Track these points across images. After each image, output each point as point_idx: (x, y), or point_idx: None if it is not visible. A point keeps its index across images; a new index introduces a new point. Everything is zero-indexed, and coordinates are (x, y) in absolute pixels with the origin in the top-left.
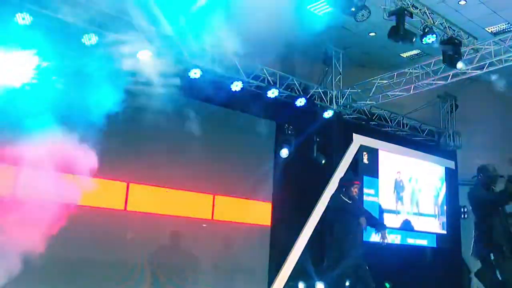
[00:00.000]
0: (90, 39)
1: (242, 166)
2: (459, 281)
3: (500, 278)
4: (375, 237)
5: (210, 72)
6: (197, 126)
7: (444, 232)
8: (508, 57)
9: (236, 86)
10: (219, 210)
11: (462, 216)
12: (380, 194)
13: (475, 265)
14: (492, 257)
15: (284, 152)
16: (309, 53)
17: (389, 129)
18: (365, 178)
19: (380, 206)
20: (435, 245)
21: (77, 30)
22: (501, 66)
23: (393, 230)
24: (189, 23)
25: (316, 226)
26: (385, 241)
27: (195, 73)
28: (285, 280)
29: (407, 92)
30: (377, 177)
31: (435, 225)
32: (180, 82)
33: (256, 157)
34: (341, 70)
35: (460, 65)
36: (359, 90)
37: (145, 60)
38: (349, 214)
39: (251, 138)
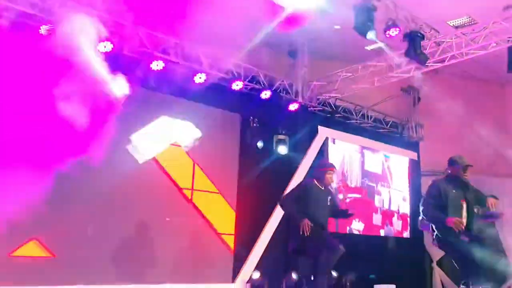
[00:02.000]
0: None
1: (206, 159)
2: (422, 270)
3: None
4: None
5: (173, 64)
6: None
7: (408, 220)
8: (469, 50)
9: (200, 79)
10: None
11: None
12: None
13: (437, 254)
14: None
15: (260, 143)
16: (275, 45)
17: (354, 121)
18: None
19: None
20: (398, 235)
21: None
22: (462, 59)
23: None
24: (151, 13)
25: (281, 218)
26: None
27: (157, 65)
28: (251, 272)
29: (371, 85)
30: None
31: (400, 215)
32: (142, 74)
33: (220, 151)
34: (306, 63)
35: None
36: (325, 83)
37: (106, 51)
38: (321, 202)
39: (215, 131)
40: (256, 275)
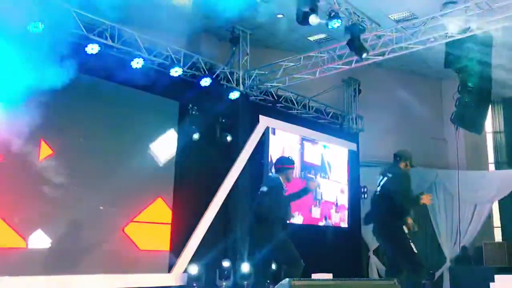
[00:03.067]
0: None
1: (143, 147)
2: (358, 259)
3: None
4: None
5: (109, 48)
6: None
7: (346, 211)
8: (409, 44)
9: (137, 63)
10: None
11: (363, 196)
12: None
13: (374, 243)
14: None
15: (196, 135)
16: (216, 31)
17: (295, 111)
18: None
19: None
20: (336, 224)
21: None
22: (402, 53)
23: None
24: None
25: (220, 207)
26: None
27: (92, 49)
28: (187, 263)
29: (313, 75)
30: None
31: (339, 205)
32: (76, 57)
33: (157, 138)
34: (248, 51)
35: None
36: (266, 72)
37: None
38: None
39: (152, 118)
40: (194, 265)
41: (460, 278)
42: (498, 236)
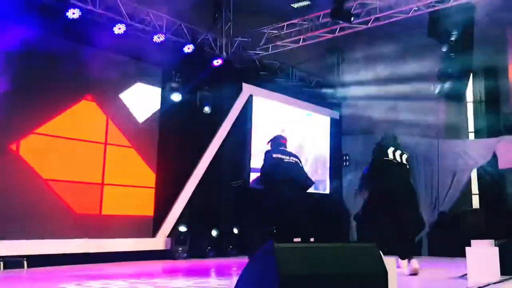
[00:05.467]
0: None
1: (125, 114)
2: (340, 224)
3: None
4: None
5: (90, 13)
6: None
7: (327, 178)
8: (392, 13)
9: (119, 29)
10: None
11: (344, 163)
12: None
13: (353, 209)
14: None
15: (176, 97)
16: None
17: (279, 79)
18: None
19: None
20: (318, 190)
21: None
22: (386, 22)
23: None
24: None
25: (204, 173)
26: None
27: (73, 13)
28: (171, 227)
29: (297, 44)
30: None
31: (320, 172)
32: (57, 22)
33: (141, 105)
34: (231, 17)
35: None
36: (249, 39)
37: None
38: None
39: (135, 84)
40: (181, 229)
41: (438, 243)
42: (476, 203)
